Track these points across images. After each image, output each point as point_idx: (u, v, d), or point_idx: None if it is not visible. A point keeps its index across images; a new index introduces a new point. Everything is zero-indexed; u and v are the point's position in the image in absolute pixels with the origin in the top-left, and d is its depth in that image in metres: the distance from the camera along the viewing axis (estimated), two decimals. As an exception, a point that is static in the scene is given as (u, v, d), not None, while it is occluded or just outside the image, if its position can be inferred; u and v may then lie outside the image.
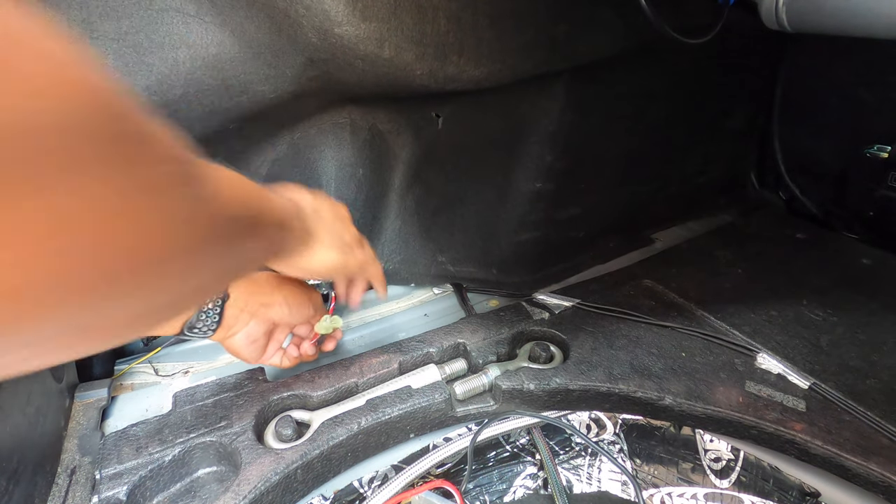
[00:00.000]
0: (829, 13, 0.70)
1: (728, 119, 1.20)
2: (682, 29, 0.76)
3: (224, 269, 0.35)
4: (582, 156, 0.95)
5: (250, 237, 0.37)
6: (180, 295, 0.29)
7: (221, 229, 0.30)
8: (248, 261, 0.40)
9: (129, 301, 0.25)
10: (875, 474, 0.58)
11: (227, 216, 0.31)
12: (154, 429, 0.60)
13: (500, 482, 0.67)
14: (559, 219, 0.99)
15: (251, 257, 0.40)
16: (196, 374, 0.76)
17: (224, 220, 0.30)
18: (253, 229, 0.37)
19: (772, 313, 0.85)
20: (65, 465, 0.57)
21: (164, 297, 0.27)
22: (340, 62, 0.61)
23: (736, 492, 0.66)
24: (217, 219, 0.29)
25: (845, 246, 1.08)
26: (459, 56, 0.67)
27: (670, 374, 0.71)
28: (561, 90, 0.84)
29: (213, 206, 0.28)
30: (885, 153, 1.02)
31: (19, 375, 0.26)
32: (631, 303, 0.85)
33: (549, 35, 0.74)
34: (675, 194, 1.19)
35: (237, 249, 0.34)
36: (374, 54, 0.61)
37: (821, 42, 1.09)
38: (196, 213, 0.26)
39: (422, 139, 0.81)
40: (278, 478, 0.56)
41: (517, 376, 0.69)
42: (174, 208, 0.24)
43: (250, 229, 0.37)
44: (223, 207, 0.30)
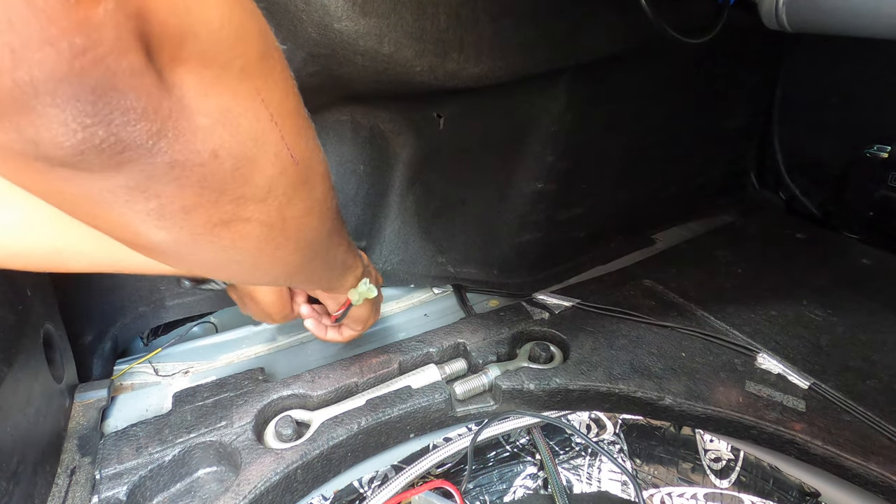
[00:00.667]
0: (829, 13, 0.70)
1: (728, 119, 1.20)
2: (682, 29, 0.76)
3: (334, 259, 0.49)
4: (583, 156, 0.95)
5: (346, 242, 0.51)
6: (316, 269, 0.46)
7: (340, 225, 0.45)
8: (342, 262, 0.52)
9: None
10: (875, 474, 0.58)
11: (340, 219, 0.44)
12: (154, 429, 0.60)
13: (500, 482, 0.67)
14: (560, 219, 0.99)
15: (326, 280, 0.53)
16: (196, 374, 0.76)
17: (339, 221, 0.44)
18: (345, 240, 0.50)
19: (772, 313, 0.85)
20: (64, 466, 0.57)
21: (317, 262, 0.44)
22: (340, 58, 0.61)
23: (736, 492, 0.66)
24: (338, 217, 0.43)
25: (845, 246, 1.08)
26: (459, 53, 0.67)
27: (670, 374, 0.71)
28: (562, 90, 0.84)
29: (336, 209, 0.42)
30: (885, 153, 1.02)
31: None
32: (631, 303, 0.85)
33: (549, 33, 0.74)
34: (675, 194, 1.19)
35: (342, 247, 0.49)
36: (374, 50, 0.61)
37: (821, 42, 1.09)
38: (336, 210, 0.41)
39: (423, 140, 0.81)
40: (278, 478, 0.56)
41: (517, 376, 0.69)
42: (332, 203, 0.39)
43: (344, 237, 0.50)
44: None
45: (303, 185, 0.33)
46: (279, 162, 0.30)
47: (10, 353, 0.52)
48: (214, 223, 0.29)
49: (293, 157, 0.31)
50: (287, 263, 0.38)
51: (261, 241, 0.32)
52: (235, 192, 0.28)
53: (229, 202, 0.28)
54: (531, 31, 0.72)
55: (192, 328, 0.88)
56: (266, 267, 0.36)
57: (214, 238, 0.30)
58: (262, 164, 0.29)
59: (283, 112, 0.30)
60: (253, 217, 0.30)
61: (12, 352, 0.52)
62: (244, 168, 0.28)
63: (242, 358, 0.80)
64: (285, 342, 0.83)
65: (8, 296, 0.54)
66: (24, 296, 0.57)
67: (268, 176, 0.29)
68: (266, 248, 0.33)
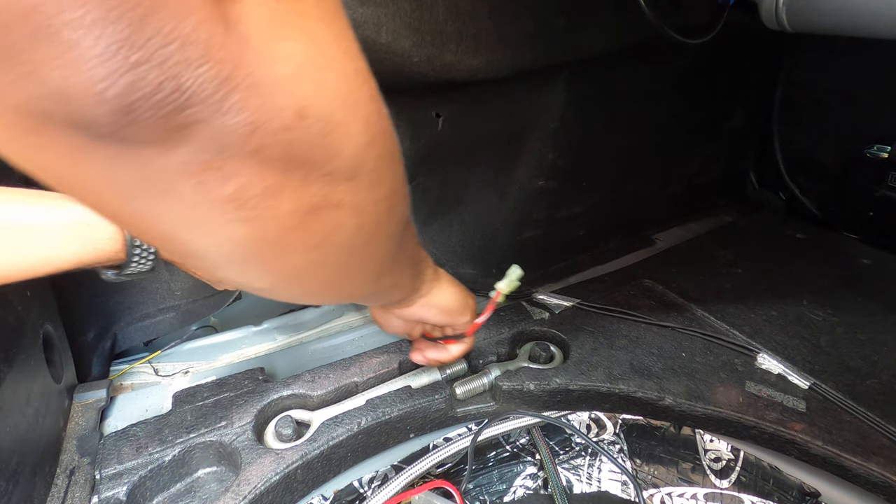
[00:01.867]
0: (829, 13, 0.70)
1: (728, 119, 1.20)
2: (682, 29, 0.76)
3: (404, 274, 0.45)
4: (583, 154, 0.95)
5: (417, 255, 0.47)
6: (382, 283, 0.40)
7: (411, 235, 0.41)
8: (410, 277, 0.48)
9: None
10: (875, 474, 0.58)
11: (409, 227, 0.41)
12: (154, 429, 0.60)
13: (500, 482, 0.67)
14: (560, 217, 0.99)
15: (409, 277, 0.48)
16: (196, 374, 0.76)
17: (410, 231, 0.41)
18: (417, 250, 0.47)
19: (772, 313, 0.85)
20: (64, 466, 0.57)
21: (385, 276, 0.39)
22: None
23: (736, 492, 0.66)
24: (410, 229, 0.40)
25: (845, 246, 1.08)
26: (457, 45, 0.67)
27: (670, 374, 0.71)
28: (562, 87, 0.84)
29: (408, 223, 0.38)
30: (885, 153, 1.02)
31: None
32: (631, 303, 0.85)
33: (548, 27, 0.74)
34: (675, 194, 1.19)
35: (410, 260, 0.45)
36: (371, 39, 0.61)
37: (821, 42, 1.09)
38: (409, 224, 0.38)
39: (421, 140, 0.81)
40: (278, 478, 0.56)
41: (517, 376, 0.69)
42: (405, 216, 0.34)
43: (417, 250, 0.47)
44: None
45: (390, 160, 0.28)
46: (369, 129, 0.25)
47: (10, 353, 0.51)
48: (305, 211, 0.24)
49: (382, 123, 0.26)
50: (376, 263, 0.33)
51: (352, 235, 0.28)
52: (324, 167, 0.23)
53: (318, 180, 0.23)
54: (530, 25, 0.72)
55: (194, 329, 0.88)
56: (355, 270, 0.32)
57: (305, 233, 0.25)
58: (353, 130, 0.23)
59: (366, 67, 0.24)
60: (344, 201, 0.25)
61: (12, 352, 0.52)
62: (334, 134, 0.22)
63: (242, 358, 0.80)
64: (285, 342, 0.83)
65: (7, 296, 0.54)
66: (24, 296, 0.57)
67: (358, 146, 0.24)
68: (357, 242, 0.29)
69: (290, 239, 0.25)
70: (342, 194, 0.25)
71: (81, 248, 0.43)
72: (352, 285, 0.35)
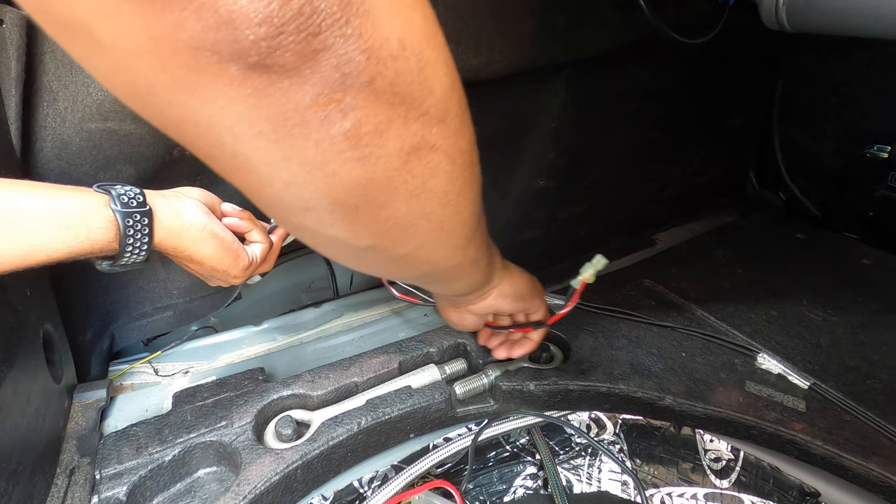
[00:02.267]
0: (829, 13, 0.70)
1: (728, 119, 1.20)
2: (682, 28, 0.76)
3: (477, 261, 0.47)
4: (584, 153, 0.95)
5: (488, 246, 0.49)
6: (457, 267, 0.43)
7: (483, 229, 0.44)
8: (481, 266, 0.49)
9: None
10: (875, 474, 0.58)
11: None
12: (154, 429, 0.60)
13: (500, 482, 0.67)
14: (562, 217, 0.99)
15: (486, 257, 0.49)
16: (196, 374, 0.76)
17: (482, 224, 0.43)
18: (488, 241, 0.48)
19: (772, 313, 0.85)
20: (63, 466, 0.57)
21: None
22: None
23: (736, 492, 0.66)
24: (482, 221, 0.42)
25: (845, 246, 1.08)
26: (457, 44, 0.67)
27: (670, 374, 0.71)
28: (562, 86, 0.84)
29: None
30: (885, 153, 1.02)
31: None
32: (631, 303, 0.85)
33: (547, 26, 0.74)
34: (675, 194, 1.19)
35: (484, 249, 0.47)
36: None
37: (821, 42, 1.09)
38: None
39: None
40: (278, 478, 0.56)
41: (517, 376, 0.69)
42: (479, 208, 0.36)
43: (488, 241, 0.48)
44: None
45: (467, 109, 0.30)
46: (450, 72, 0.27)
47: (10, 353, 0.51)
48: (409, 150, 0.25)
49: (456, 71, 0.28)
50: (465, 223, 0.35)
51: (447, 181, 0.29)
52: (422, 104, 0.25)
53: (417, 119, 0.25)
54: (529, 25, 0.72)
55: (194, 330, 0.88)
56: (449, 227, 0.33)
57: (408, 175, 0.27)
58: (439, 69, 0.25)
59: (436, 19, 0.26)
60: (438, 143, 0.27)
61: (12, 352, 0.52)
62: (427, 70, 0.24)
63: (242, 358, 0.80)
64: (285, 342, 0.83)
65: (7, 296, 0.54)
66: (24, 296, 0.57)
67: (444, 87, 0.26)
68: (451, 191, 0.30)
69: (396, 181, 0.26)
70: (436, 137, 0.26)
71: (74, 237, 0.43)
72: (444, 247, 0.36)
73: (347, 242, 0.30)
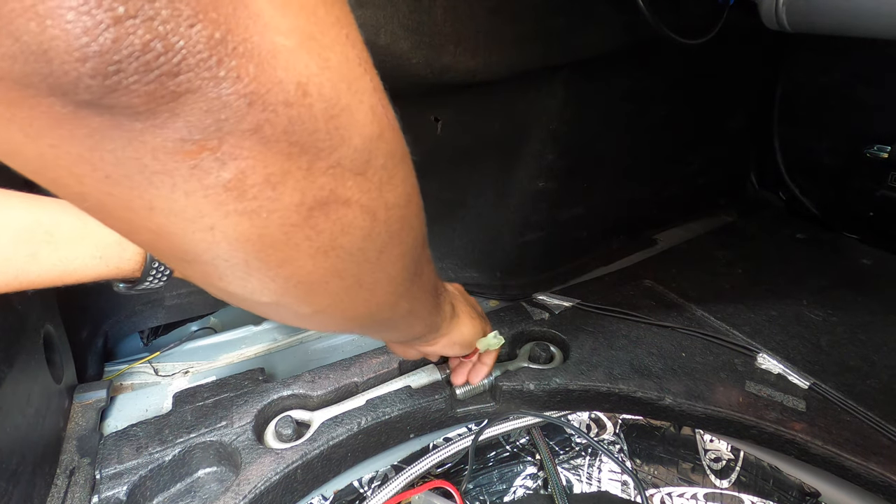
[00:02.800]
0: (829, 13, 0.70)
1: (728, 119, 1.20)
2: (681, 29, 0.76)
3: (423, 310, 0.43)
4: (583, 155, 0.95)
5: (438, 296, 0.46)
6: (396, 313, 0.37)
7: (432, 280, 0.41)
8: (428, 315, 0.46)
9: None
10: (875, 474, 0.58)
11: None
12: (154, 429, 0.60)
13: (500, 482, 0.67)
14: (562, 219, 0.99)
15: (428, 309, 0.45)
16: (196, 374, 0.76)
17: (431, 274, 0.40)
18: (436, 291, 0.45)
19: (772, 313, 0.85)
20: (64, 467, 0.57)
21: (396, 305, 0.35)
22: None
23: (736, 492, 0.66)
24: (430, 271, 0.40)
25: (845, 246, 1.08)
26: (455, 46, 0.67)
27: (670, 374, 0.71)
28: (560, 87, 0.84)
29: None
30: (885, 153, 1.02)
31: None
32: (631, 303, 0.85)
33: (545, 29, 0.74)
34: (675, 194, 1.19)
35: (431, 300, 0.43)
36: (370, 41, 0.60)
37: (821, 42, 1.09)
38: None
39: (420, 145, 0.80)
40: (278, 478, 0.56)
41: (517, 376, 0.69)
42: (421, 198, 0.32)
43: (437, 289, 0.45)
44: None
45: (401, 161, 0.26)
46: (376, 120, 0.23)
47: (11, 353, 0.52)
48: (311, 205, 0.22)
49: (389, 117, 0.24)
50: (391, 281, 0.30)
51: (364, 239, 0.25)
52: (332, 155, 0.21)
53: (325, 171, 0.21)
54: (528, 26, 0.72)
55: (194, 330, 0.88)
56: (369, 285, 0.29)
57: (312, 231, 0.23)
58: (359, 118, 0.22)
59: (368, 58, 0.23)
60: (353, 198, 0.23)
61: (13, 352, 0.52)
62: (340, 118, 0.21)
63: (242, 358, 0.80)
64: (285, 342, 0.83)
65: (8, 296, 0.54)
66: (25, 296, 0.57)
67: (366, 137, 0.22)
68: (370, 250, 0.26)
69: (296, 238, 0.23)
70: (351, 191, 0.23)
71: (105, 265, 0.43)
72: (366, 304, 0.31)
73: (242, 297, 0.26)
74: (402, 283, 0.33)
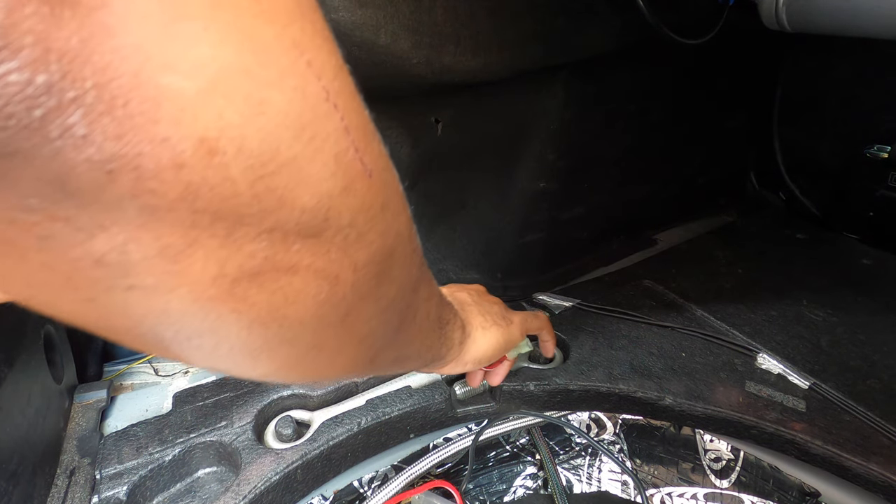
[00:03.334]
0: (830, 13, 0.70)
1: (728, 119, 1.20)
2: (681, 28, 0.76)
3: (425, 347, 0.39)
4: (584, 155, 0.95)
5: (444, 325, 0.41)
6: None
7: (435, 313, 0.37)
8: (437, 348, 0.41)
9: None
10: (875, 474, 0.58)
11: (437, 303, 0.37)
12: (154, 429, 0.60)
13: (500, 482, 0.67)
14: (563, 219, 0.99)
15: (427, 347, 0.40)
16: (196, 374, 0.76)
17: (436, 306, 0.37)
18: (440, 320, 0.40)
19: (772, 313, 0.85)
20: (64, 467, 0.57)
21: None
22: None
23: (736, 492, 0.66)
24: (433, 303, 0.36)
25: (845, 246, 1.08)
26: (456, 46, 0.67)
27: (670, 374, 0.71)
28: (560, 88, 0.84)
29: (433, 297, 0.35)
30: (885, 153, 1.02)
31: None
32: (631, 303, 0.85)
33: (546, 28, 0.74)
34: (675, 194, 1.19)
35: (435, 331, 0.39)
36: (370, 41, 0.61)
37: (821, 42, 1.09)
38: (420, 248, 0.29)
39: (420, 148, 0.81)
40: (278, 478, 0.56)
41: (517, 376, 0.69)
42: (416, 239, 0.28)
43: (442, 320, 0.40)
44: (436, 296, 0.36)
45: (381, 212, 0.21)
46: (342, 171, 0.18)
47: (11, 353, 0.52)
48: (234, 276, 0.17)
49: (364, 162, 0.19)
50: (363, 342, 0.25)
51: (319, 307, 0.20)
52: (263, 221, 0.16)
53: (255, 238, 0.17)
54: (528, 26, 0.72)
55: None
56: (331, 350, 0.24)
57: (240, 304, 0.18)
58: (312, 171, 0.17)
59: (344, 89, 0.18)
60: (303, 263, 0.18)
61: (13, 353, 0.52)
62: (277, 176, 0.16)
63: (242, 358, 0.80)
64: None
65: (8, 296, 0.54)
66: (24, 296, 0.57)
67: (322, 194, 0.17)
68: (330, 316, 0.21)
69: (217, 312, 0.18)
70: (299, 255, 0.18)
71: None
72: (331, 366, 0.26)
73: (179, 359, 0.22)
74: (383, 337, 0.28)
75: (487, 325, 0.50)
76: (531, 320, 0.59)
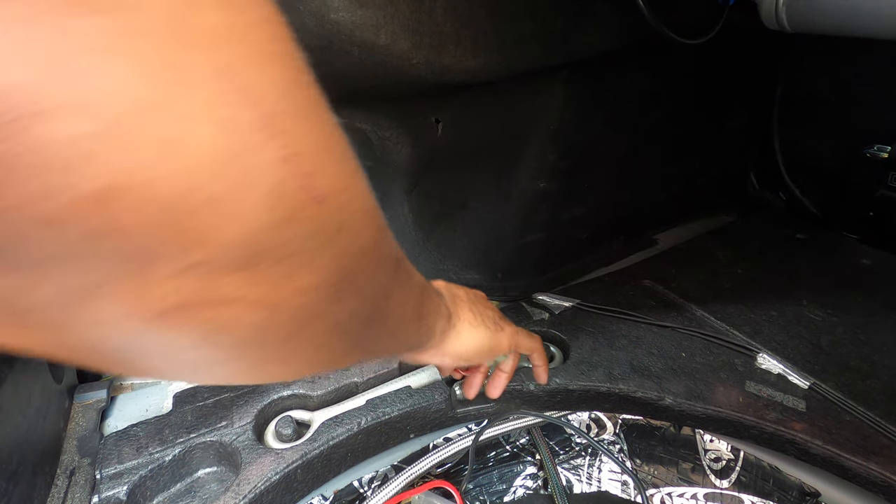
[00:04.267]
0: (830, 13, 0.70)
1: (728, 119, 1.20)
2: (681, 28, 0.76)
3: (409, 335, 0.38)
4: (584, 155, 0.95)
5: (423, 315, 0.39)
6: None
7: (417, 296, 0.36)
8: (408, 337, 0.40)
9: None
10: (875, 474, 0.58)
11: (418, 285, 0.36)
12: (154, 429, 0.60)
13: (500, 482, 0.67)
14: (563, 219, 0.99)
15: (403, 342, 0.39)
16: (196, 374, 0.76)
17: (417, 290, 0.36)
18: (420, 308, 0.38)
19: (772, 313, 0.85)
20: (64, 467, 0.57)
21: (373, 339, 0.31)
22: (337, 49, 0.61)
23: (736, 492, 0.66)
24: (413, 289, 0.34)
25: (845, 246, 1.08)
26: (456, 46, 0.67)
27: (670, 374, 0.71)
28: (560, 88, 0.84)
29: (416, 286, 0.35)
30: (885, 153, 1.02)
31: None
32: (631, 303, 0.85)
33: (546, 28, 0.74)
34: (675, 194, 1.19)
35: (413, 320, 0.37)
36: (371, 41, 0.61)
37: (821, 42, 1.09)
38: (394, 257, 0.30)
39: (421, 147, 0.81)
40: (278, 478, 0.56)
41: (517, 376, 0.69)
42: (388, 249, 0.27)
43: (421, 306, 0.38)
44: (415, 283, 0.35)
45: (336, 236, 0.19)
46: (282, 202, 0.16)
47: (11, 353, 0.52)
48: (156, 312, 0.16)
49: (313, 188, 0.17)
50: (319, 349, 0.24)
51: (262, 330, 0.19)
52: (185, 258, 0.15)
53: (177, 275, 0.15)
54: (528, 26, 0.72)
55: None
56: (286, 358, 0.23)
57: (167, 335, 0.17)
58: (243, 206, 0.15)
59: (292, 109, 0.17)
60: (234, 295, 0.17)
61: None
62: (199, 216, 0.15)
63: (242, 358, 0.80)
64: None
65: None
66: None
67: (255, 228, 0.16)
68: (274, 336, 0.20)
69: (140, 344, 0.17)
70: (230, 288, 0.17)
71: None
72: (281, 374, 0.25)
73: None
74: (346, 343, 0.26)
75: (476, 323, 0.50)
76: (523, 337, 0.57)
